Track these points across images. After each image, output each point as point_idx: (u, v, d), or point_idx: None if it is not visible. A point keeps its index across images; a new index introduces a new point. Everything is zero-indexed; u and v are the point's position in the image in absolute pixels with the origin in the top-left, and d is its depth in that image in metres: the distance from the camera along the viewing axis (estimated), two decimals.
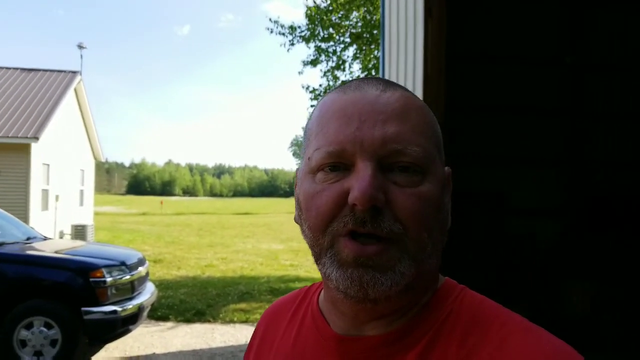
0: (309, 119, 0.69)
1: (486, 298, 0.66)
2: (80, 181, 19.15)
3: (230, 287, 9.89)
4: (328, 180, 0.62)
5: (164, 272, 11.55)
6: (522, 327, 0.59)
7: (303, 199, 0.65)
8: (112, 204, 58.18)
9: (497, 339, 0.58)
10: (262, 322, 0.84)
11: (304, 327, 0.74)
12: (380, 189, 0.58)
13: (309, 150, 0.65)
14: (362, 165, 0.59)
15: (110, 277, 5.34)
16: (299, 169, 0.70)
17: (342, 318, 0.67)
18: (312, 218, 0.62)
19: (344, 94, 0.64)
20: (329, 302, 0.69)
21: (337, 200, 0.60)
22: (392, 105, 0.62)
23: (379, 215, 0.58)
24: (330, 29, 13.16)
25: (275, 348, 0.76)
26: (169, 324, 7.29)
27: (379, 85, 0.64)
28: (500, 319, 0.61)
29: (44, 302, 5.22)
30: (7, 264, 5.33)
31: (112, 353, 5.93)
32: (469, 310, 0.63)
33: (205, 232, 23.06)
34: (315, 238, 0.62)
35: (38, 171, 14.35)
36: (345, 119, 0.62)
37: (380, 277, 0.58)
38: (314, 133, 0.65)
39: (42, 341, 5.12)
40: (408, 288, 0.60)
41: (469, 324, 0.61)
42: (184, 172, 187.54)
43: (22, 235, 6.44)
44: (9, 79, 17.23)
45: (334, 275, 0.60)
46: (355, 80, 0.67)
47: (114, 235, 20.00)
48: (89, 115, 19.44)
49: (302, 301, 0.79)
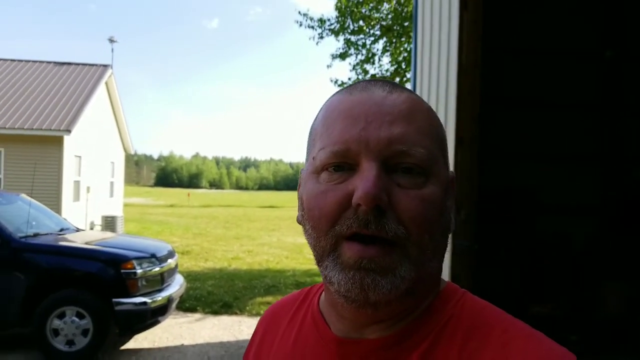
0: (315, 119, 0.69)
1: (488, 303, 0.66)
2: (111, 173, 19.48)
3: (257, 279, 9.94)
4: (332, 180, 0.61)
5: (191, 263, 11.67)
6: (524, 333, 0.59)
7: (306, 199, 0.64)
8: (140, 196, 59.13)
9: (498, 345, 0.58)
10: (262, 323, 0.84)
11: (304, 328, 0.74)
12: (384, 189, 0.58)
13: (313, 150, 0.65)
14: (366, 166, 0.59)
15: (141, 268, 5.40)
16: (303, 170, 0.70)
17: (342, 321, 0.66)
18: (316, 218, 0.62)
19: (350, 95, 0.64)
20: (330, 304, 0.69)
21: (341, 201, 0.59)
22: (398, 107, 0.62)
23: (383, 216, 0.57)
24: (360, 22, 13.04)
25: (275, 349, 0.76)
26: (196, 315, 7.35)
27: (386, 87, 0.64)
28: (502, 324, 0.61)
29: (76, 292, 5.31)
30: (41, 255, 5.43)
31: (141, 344, 6.01)
32: (471, 314, 0.63)
33: (231, 225, 23.24)
34: (318, 239, 0.62)
35: (70, 163, 14.63)
36: (351, 119, 0.61)
37: (381, 280, 0.57)
38: (319, 133, 0.65)
39: (74, 330, 5.21)
40: (408, 292, 0.60)
41: (470, 329, 0.61)
42: (210, 165, 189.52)
43: (55, 226, 6.55)
44: (42, 72, 17.59)
45: (335, 278, 0.60)
46: (362, 81, 0.67)
47: (143, 226, 20.31)
48: (119, 108, 19.72)
49: (303, 302, 0.79)
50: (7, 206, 6.12)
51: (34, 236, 5.68)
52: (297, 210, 0.71)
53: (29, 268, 5.31)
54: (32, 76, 17.17)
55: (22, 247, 5.35)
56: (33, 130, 13.87)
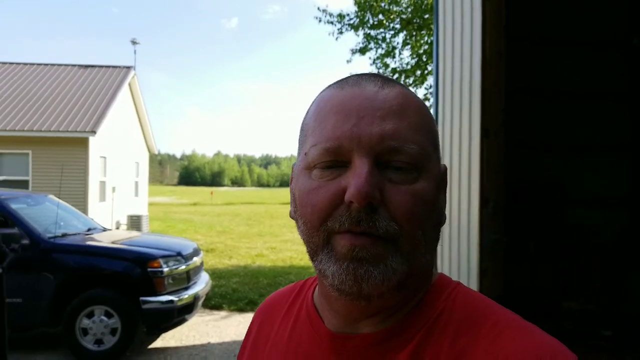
0: (306, 113, 0.68)
1: (480, 295, 0.66)
2: (135, 173, 19.74)
3: (281, 276, 9.96)
4: (324, 177, 0.61)
5: (216, 261, 11.75)
6: (515, 325, 0.59)
7: (299, 195, 0.64)
8: (164, 195, 59.86)
9: (489, 338, 0.58)
10: (258, 316, 0.85)
11: (298, 322, 0.74)
12: (376, 186, 0.58)
13: (305, 145, 0.65)
14: (359, 163, 0.59)
15: (167, 267, 5.44)
16: (295, 164, 0.70)
17: (335, 316, 0.67)
18: (308, 215, 0.62)
19: (342, 90, 0.64)
20: (323, 298, 0.69)
21: (333, 198, 0.60)
22: (390, 102, 0.62)
23: (375, 213, 0.58)
24: (380, 16, 12.92)
25: (270, 342, 0.76)
26: (222, 313, 7.40)
27: (377, 82, 0.64)
28: (493, 317, 0.61)
29: (104, 291, 5.38)
30: (69, 255, 5.52)
31: (168, 342, 6.06)
32: (462, 308, 0.63)
33: (254, 222, 23.37)
34: (310, 235, 0.62)
35: (96, 164, 14.86)
36: (342, 114, 0.61)
37: (373, 270, 0.58)
38: (311, 128, 0.65)
39: (102, 329, 5.28)
40: (400, 286, 0.60)
41: (462, 322, 0.61)
42: (232, 163, 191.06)
43: (82, 226, 6.65)
44: (67, 75, 17.89)
45: (330, 271, 0.60)
46: (353, 76, 0.67)
47: (168, 225, 20.55)
48: (142, 109, 19.96)
49: (297, 296, 0.79)
50: (35, 207, 6.23)
51: (62, 236, 5.77)
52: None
53: (57, 268, 5.39)
54: (57, 79, 17.49)
55: (50, 247, 5.43)
56: (59, 132, 14.13)
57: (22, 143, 14.14)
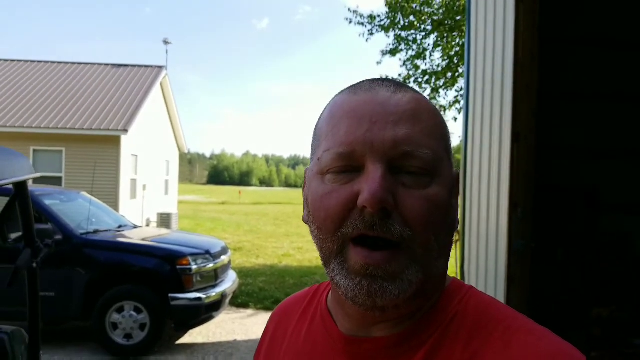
0: (319, 118, 0.69)
1: (492, 299, 0.66)
2: (166, 171, 20.04)
3: (307, 277, 9.99)
4: (338, 181, 0.61)
5: (243, 260, 11.85)
6: (527, 329, 0.59)
7: (312, 200, 0.64)
8: (194, 194, 60.62)
9: (501, 341, 0.58)
10: (273, 320, 0.85)
11: (313, 325, 0.75)
12: (389, 191, 0.58)
13: (319, 150, 0.65)
14: (372, 168, 0.59)
15: (196, 264, 5.52)
16: (307, 168, 0.70)
17: (349, 320, 0.67)
18: (322, 220, 0.62)
19: (355, 95, 0.64)
20: (337, 303, 0.70)
21: (347, 203, 0.60)
22: (403, 107, 0.62)
23: (389, 218, 0.58)
24: (411, 17, 12.84)
25: (286, 344, 0.77)
26: (249, 311, 7.46)
27: (390, 87, 0.64)
28: (505, 321, 0.61)
29: (134, 287, 5.49)
30: (100, 251, 5.64)
31: (195, 339, 6.14)
32: (475, 312, 0.63)
33: (281, 222, 23.47)
34: (324, 240, 0.62)
35: (127, 162, 15.15)
36: (356, 119, 0.61)
37: (389, 286, 0.58)
38: (324, 134, 0.65)
39: (132, 324, 5.39)
40: (416, 295, 0.61)
41: (474, 326, 0.61)
42: (260, 163, 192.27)
43: (113, 223, 6.79)
44: (100, 74, 18.28)
45: (342, 283, 0.60)
46: (366, 81, 0.67)
47: (197, 223, 20.80)
48: (173, 108, 20.26)
49: (312, 299, 0.80)
50: (68, 204, 6.39)
51: (94, 233, 5.91)
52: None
53: (89, 263, 5.52)
54: (91, 78, 17.88)
55: (83, 243, 5.57)
56: (92, 131, 14.45)
57: (56, 140, 14.49)
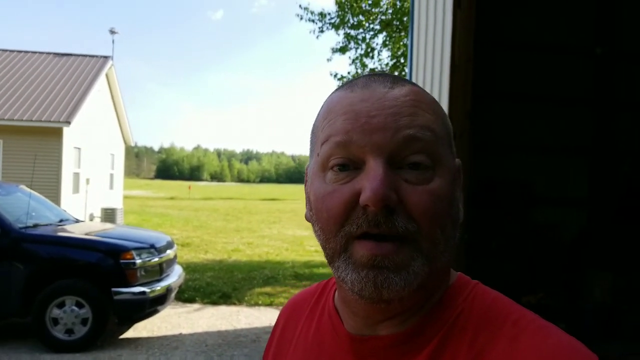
0: (316, 117, 0.68)
1: (500, 294, 0.65)
2: (110, 165, 19.54)
3: (256, 271, 10.03)
4: (339, 180, 0.61)
5: (191, 255, 11.76)
6: (534, 325, 0.59)
7: (314, 199, 0.64)
8: (141, 188, 59.20)
9: (507, 339, 0.58)
10: (282, 317, 0.85)
11: (321, 323, 0.74)
12: (392, 187, 0.57)
13: (317, 146, 0.65)
14: (373, 164, 0.58)
15: (140, 259, 5.48)
16: (308, 166, 0.70)
17: (354, 318, 0.67)
18: (324, 220, 0.61)
19: (352, 92, 0.63)
20: (342, 302, 0.70)
21: (349, 201, 0.59)
22: (401, 99, 0.61)
23: (392, 214, 0.57)
24: (360, 16, 13.06)
25: (294, 342, 0.77)
26: (195, 305, 7.45)
27: (387, 83, 0.63)
28: (512, 317, 0.60)
29: (75, 282, 5.40)
30: (41, 245, 5.52)
31: (140, 333, 6.10)
32: (481, 308, 0.63)
33: (232, 217, 23.32)
34: (327, 240, 0.62)
35: (70, 155, 14.69)
36: (353, 113, 0.61)
37: (394, 277, 0.57)
38: (320, 129, 0.65)
39: (73, 320, 5.31)
40: (421, 287, 0.60)
41: (481, 323, 0.61)
42: (212, 157, 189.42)
43: (54, 217, 6.63)
44: (42, 63, 17.61)
45: (349, 278, 0.59)
46: (363, 77, 0.66)
47: (143, 219, 20.40)
48: (119, 100, 19.75)
49: (320, 297, 0.80)
50: (6, 197, 6.20)
51: (34, 227, 5.76)
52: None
53: (28, 258, 5.39)
54: (32, 67, 17.19)
55: (22, 237, 5.43)
56: (32, 122, 13.92)
57: None
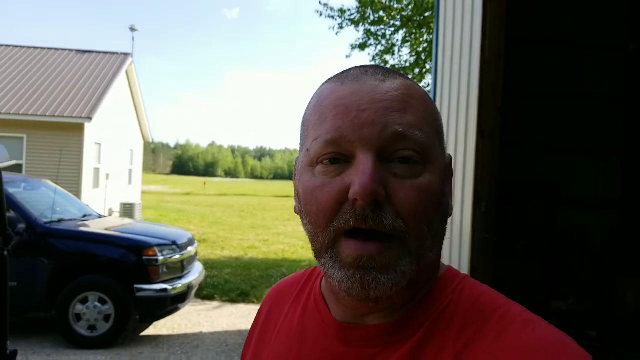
0: (306, 109, 0.67)
1: (488, 288, 0.65)
2: (129, 161, 19.70)
3: (273, 269, 10.01)
4: (328, 174, 0.60)
5: (208, 251, 11.78)
6: (521, 318, 0.58)
7: (303, 193, 0.64)
8: (157, 184, 59.68)
9: (495, 332, 0.57)
10: (267, 302, 0.85)
11: (307, 310, 0.74)
12: (380, 182, 0.57)
13: (307, 141, 0.64)
14: (362, 158, 0.58)
15: (162, 255, 5.47)
16: (297, 159, 0.69)
17: (342, 309, 0.67)
18: (313, 214, 0.61)
19: (342, 85, 0.63)
20: (330, 292, 0.69)
21: (338, 196, 0.59)
22: (392, 94, 0.61)
23: (380, 210, 0.57)
24: (381, 12, 12.95)
25: (278, 328, 0.77)
26: (214, 303, 7.45)
27: (378, 75, 0.63)
28: (499, 310, 0.60)
29: (98, 278, 5.41)
30: (65, 240, 5.54)
31: (160, 330, 6.11)
32: (468, 300, 0.63)
33: (246, 214, 23.37)
34: (316, 234, 0.62)
35: (90, 150, 14.83)
36: (343, 107, 0.60)
37: (382, 277, 0.57)
38: (311, 124, 0.64)
39: (96, 316, 5.32)
40: (409, 285, 0.60)
41: (467, 316, 0.61)
42: (226, 154, 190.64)
43: (78, 212, 6.67)
44: (64, 60, 17.79)
45: (335, 276, 0.59)
46: (354, 69, 0.65)
47: (160, 214, 20.52)
48: (139, 97, 19.89)
49: (306, 284, 0.79)
50: (31, 192, 6.24)
51: (59, 222, 5.78)
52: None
53: (53, 253, 5.41)
54: (54, 64, 17.38)
55: (47, 232, 5.45)
56: (55, 117, 14.08)
57: (17, 127, 14.08)
